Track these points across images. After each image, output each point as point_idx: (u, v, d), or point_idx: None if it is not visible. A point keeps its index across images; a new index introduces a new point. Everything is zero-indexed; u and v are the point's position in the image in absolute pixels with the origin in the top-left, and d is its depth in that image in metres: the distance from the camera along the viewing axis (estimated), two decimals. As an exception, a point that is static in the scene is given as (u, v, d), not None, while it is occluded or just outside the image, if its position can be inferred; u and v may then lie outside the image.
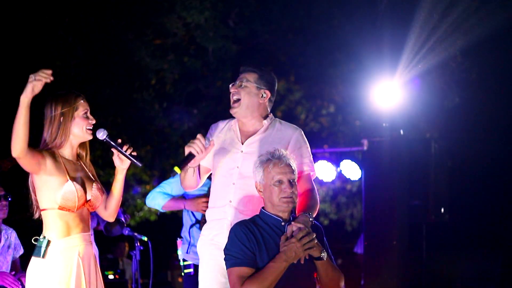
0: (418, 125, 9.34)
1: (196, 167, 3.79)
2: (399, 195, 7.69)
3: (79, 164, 3.58)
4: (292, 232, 3.38)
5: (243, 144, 3.85)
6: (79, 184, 3.45)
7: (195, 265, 5.27)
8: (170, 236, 5.91)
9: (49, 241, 3.39)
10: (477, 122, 9.16)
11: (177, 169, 3.62)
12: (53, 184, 3.39)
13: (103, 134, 3.53)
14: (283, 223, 3.49)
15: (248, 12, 11.09)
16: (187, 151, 3.65)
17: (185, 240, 5.42)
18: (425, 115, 9.49)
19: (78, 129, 3.51)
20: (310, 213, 3.52)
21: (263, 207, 3.56)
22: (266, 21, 11.38)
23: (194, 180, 3.86)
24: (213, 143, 3.84)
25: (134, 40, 10.55)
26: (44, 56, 8.92)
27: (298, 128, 3.91)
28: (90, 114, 3.57)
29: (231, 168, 3.81)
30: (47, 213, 3.42)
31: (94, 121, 3.55)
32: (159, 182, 5.66)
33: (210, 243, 3.81)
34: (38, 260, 3.39)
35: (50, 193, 3.39)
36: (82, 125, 3.51)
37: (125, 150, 3.54)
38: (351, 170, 8.68)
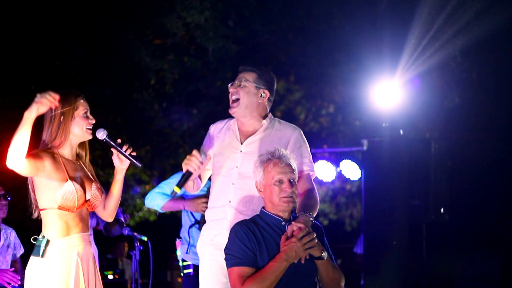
0: (418, 125, 9.33)
1: (195, 178, 3.82)
2: (399, 195, 7.68)
3: (78, 164, 3.58)
4: (293, 231, 3.38)
5: (242, 144, 3.84)
6: (79, 184, 3.45)
7: (194, 265, 5.26)
8: (170, 236, 5.90)
9: (48, 240, 3.39)
10: (477, 122, 9.14)
11: (177, 188, 3.67)
12: (53, 184, 3.39)
13: (103, 134, 3.53)
14: (283, 223, 3.49)
15: (248, 12, 11.09)
16: (184, 169, 3.66)
17: (184, 240, 5.41)
18: (425, 115, 9.47)
19: (78, 128, 3.51)
20: (311, 213, 3.52)
21: (263, 207, 3.56)
22: (266, 21, 11.38)
23: (195, 188, 3.91)
24: (210, 156, 3.86)
25: (134, 40, 10.55)
26: (44, 56, 8.92)
27: (297, 128, 3.91)
28: (90, 114, 3.57)
29: (230, 168, 3.81)
30: (46, 212, 3.42)
31: (94, 121, 3.55)
32: (159, 182, 5.65)
33: (210, 243, 3.81)
34: (37, 260, 3.39)
35: (50, 193, 3.39)
36: (82, 124, 3.51)
37: (125, 150, 3.54)
38: (351, 170, 8.67)
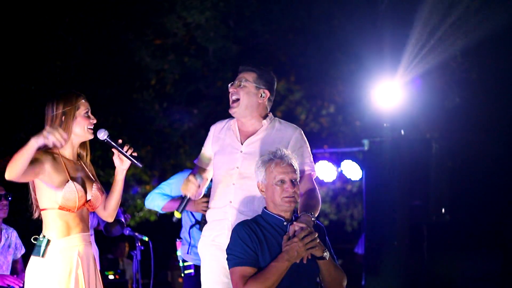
0: (419, 125, 9.33)
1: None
2: (400, 195, 7.68)
3: (79, 164, 3.57)
4: (294, 231, 3.38)
5: (242, 144, 3.84)
6: (80, 184, 3.45)
7: (195, 266, 5.25)
8: (170, 237, 5.89)
9: (48, 240, 3.38)
10: (477, 122, 9.13)
11: (177, 213, 3.72)
12: (54, 184, 3.38)
13: (104, 135, 3.52)
14: (285, 223, 3.49)
15: (249, 12, 11.09)
16: (183, 193, 3.74)
17: (185, 240, 5.40)
18: (425, 116, 9.47)
19: (80, 128, 3.50)
20: (312, 213, 3.52)
21: (265, 207, 3.55)
22: (266, 21, 11.38)
23: (197, 196, 3.94)
24: (206, 176, 3.88)
25: (134, 40, 10.55)
26: (44, 56, 8.90)
27: (297, 128, 3.90)
28: (91, 114, 3.56)
29: (230, 168, 3.80)
30: (47, 212, 3.41)
31: (95, 121, 3.55)
32: (159, 183, 5.64)
33: (211, 244, 3.81)
34: (38, 259, 3.38)
35: (51, 193, 3.39)
36: (84, 124, 3.51)
37: (126, 150, 3.54)
38: (352, 170, 8.67)
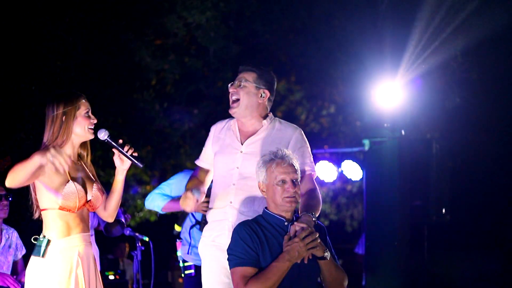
0: (419, 125, 9.32)
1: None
2: (401, 195, 7.68)
3: (80, 164, 3.57)
4: (295, 232, 3.38)
5: (242, 145, 3.84)
6: (80, 185, 3.44)
7: (196, 266, 5.25)
8: (170, 237, 5.89)
9: (49, 240, 3.37)
10: (478, 123, 9.14)
11: (177, 227, 3.76)
12: (54, 184, 3.38)
13: (104, 135, 3.52)
14: (286, 223, 3.48)
15: (249, 12, 11.08)
16: (182, 208, 3.82)
17: (185, 241, 5.39)
18: (426, 116, 9.47)
19: (80, 128, 3.50)
20: (313, 213, 3.51)
21: (266, 207, 3.55)
22: (266, 21, 11.37)
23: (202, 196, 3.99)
24: (204, 190, 3.91)
25: (134, 40, 10.54)
26: (44, 56, 8.89)
27: (298, 128, 3.90)
28: (91, 114, 3.56)
29: (231, 168, 3.80)
30: (47, 213, 3.41)
31: (95, 121, 3.54)
32: (160, 182, 5.64)
33: (212, 244, 3.81)
34: (38, 260, 3.37)
35: (51, 193, 3.38)
36: (84, 124, 3.50)
37: (126, 150, 3.53)
38: (353, 171, 8.67)
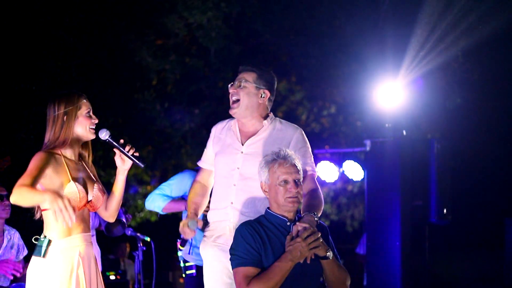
0: (420, 125, 9.33)
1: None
2: (402, 195, 7.68)
3: (81, 164, 3.56)
4: (298, 231, 3.37)
5: (243, 145, 3.83)
6: (81, 185, 3.43)
7: (197, 266, 5.24)
8: (171, 237, 5.88)
9: (50, 240, 3.36)
10: (479, 123, 9.15)
11: (182, 247, 3.79)
12: (55, 184, 3.37)
13: (105, 134, 3.51)
14: (288, 223, 3.48)
15: (250, 12, 11.07)
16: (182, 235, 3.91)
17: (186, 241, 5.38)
18: (427, 116, 9.48)
19: (82, 128, 3.49)
20: (315, 213, 3.51)
21: (268, 207, 3.55)
22: (267, 22, 11.35)
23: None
24: (201, 222, 3.92)
25: (135, 41, 10.53)
26: (45, 56, 8.89)
27: (298, 128, 3.89)
28: (93, 114, 3.56)
29: (231, 169, 3.79)
30: (48, 213, 3.39)
31: (97, 120, 3.54)
32: (160, 183, 5.62)
33: (213, 245, 3.80)
34: (39, 260, 3.36)
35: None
36: (86, 124, 3.50)
37: (127, 150, 3.53)
38: (354, 171, 8.67)
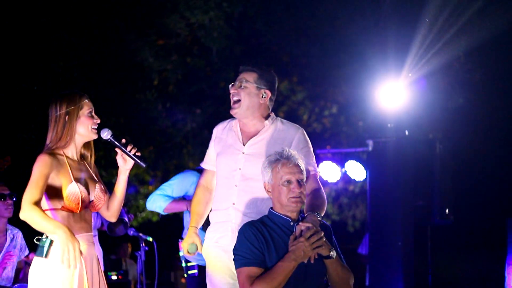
0: (422, 126, 9.33)
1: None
2: (404, 195, 7.68)
3: (83, 164, 3.55)
4: (301, 231, 3.37)
5: (244, 146, 3.82)
6: (83, 185, 3.42)
7: (199, 266, 5.23)
8: (173, 237, 5.88)
9: (51, 241, 3.35)
10: (480, 123, 9.14)
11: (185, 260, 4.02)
12: (56, 185, 3.36)
13: (107, 134, 3.51)
14: (292, 223, 3.47)
15: (252, 12, 11.06)
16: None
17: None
18: (429, 116, 9.47)
19: (84, 128, 3.48)
20: (318, 213, 3.50)
21: (271, 207, 3.54)
22: (269, 22, 11.34)
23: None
24: (200, 247, 3.97)
25: (137, 41, 10.52)
26: (46, 56, 8.88)
27: (300, 128, 3.88)
28: (95, 114, 3.55)
29: (233, 170, 3.79)
30: (49, 213, 3.39)
31: (99, 120, 3.53)
32: (162, 183, 5.62)
33: (215, 245, 3.80)
34: (41, 260, 3.35)
35: (54, 194, 3.37)
36: (88, 124, 3.49)
37: (129, 150, 3.52)
38: (356, 171, 8.67)
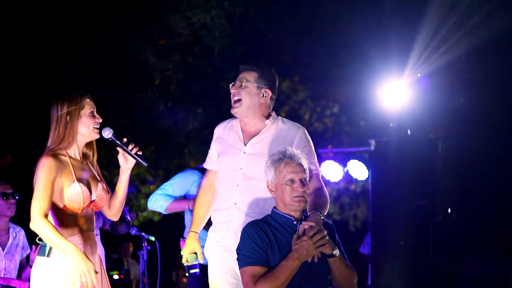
0: (424, 125, 9.31)
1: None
2: (406, 195, 7.65)
3: (85, 163, 3.54)
4: (304, 230, 3.37)
5: (246, 145, 3.82)
6: (85, 185, 3.41)
7: (201, 265, 5.22)
8: (174, 236, 5.87)
9: (53, 240, 3.35)
10: (481, 123, 9.12)
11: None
12: (59, 185, 3.35)
13: (108, 133, 3.50)
14: (295, 222, 3.47)
15: (254, 11, 11.05)
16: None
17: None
18: (430, 116, 9.46)
19: (85, 128, 3.47)
20: (321, 212, 3.50)
21: (274, 207, 3.54)
22: (271, 21, 11.34)
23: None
24: (201, 254, 4.04)
25: (138, 40, 10.52)
26: (48, 56, 8.88)
27: (301, 127, 3.87)
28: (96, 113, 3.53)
29: (234, 169, 3.78)
30: (51, 213, 3.38)
31: (100, 120, 3.52)
32: (163, 182, 5.61)
33: (217, 246, 3.79)
34: (43, 259, 3.35)
35: (56, 193, 3.36)
36: (89, 124, 3.48)
37: (131, 149, 3.51)
38: (358, 170, 8.66)
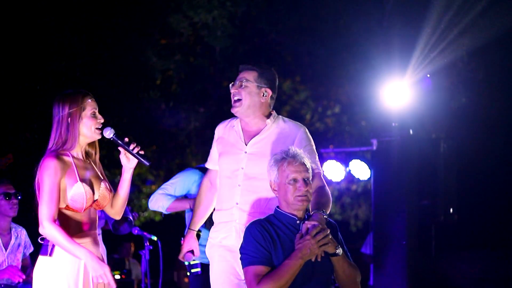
0: (426, 125, 9.30)
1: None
2: (408, 195, 7.64)
3: (88, 162, 3.53)
4: (307, 229, 3.36)
5: (247, 145, 3.81)
6: (88, 185, 3.40)
7: (202, 264, 5.21)
8: (176, 236, 5.87)
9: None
10: (483, 123, 9.11)
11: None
12: (63, 185, 3.35)
13: (110, 133, 3.49)
14: (298, 222, 3.46)
15: (255, 11, 11.06)
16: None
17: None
18: (432, 115, 9.45)
19: (86, 129, 3.45)
20: (324, 211, 3.49)
21: (277, 206, 3.53)
22: (273, 21, 11.35)
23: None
24: (198, 251, 4.08)
25: (140, 40, 10.52)
26: (49, 56, 8.88)
27: (302, 126, 3.87)
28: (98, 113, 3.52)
29: (235, 169, 3.78)
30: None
31: (102, 120, 3.50)
32: (165, 182, 5.61)
33: (219, 245, 3.79)
34: (45, 259, 3.35)
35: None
36: (90, 125, 3.46)
37: (133, 148, 3.49)
38: (360, 170, 8.66)
